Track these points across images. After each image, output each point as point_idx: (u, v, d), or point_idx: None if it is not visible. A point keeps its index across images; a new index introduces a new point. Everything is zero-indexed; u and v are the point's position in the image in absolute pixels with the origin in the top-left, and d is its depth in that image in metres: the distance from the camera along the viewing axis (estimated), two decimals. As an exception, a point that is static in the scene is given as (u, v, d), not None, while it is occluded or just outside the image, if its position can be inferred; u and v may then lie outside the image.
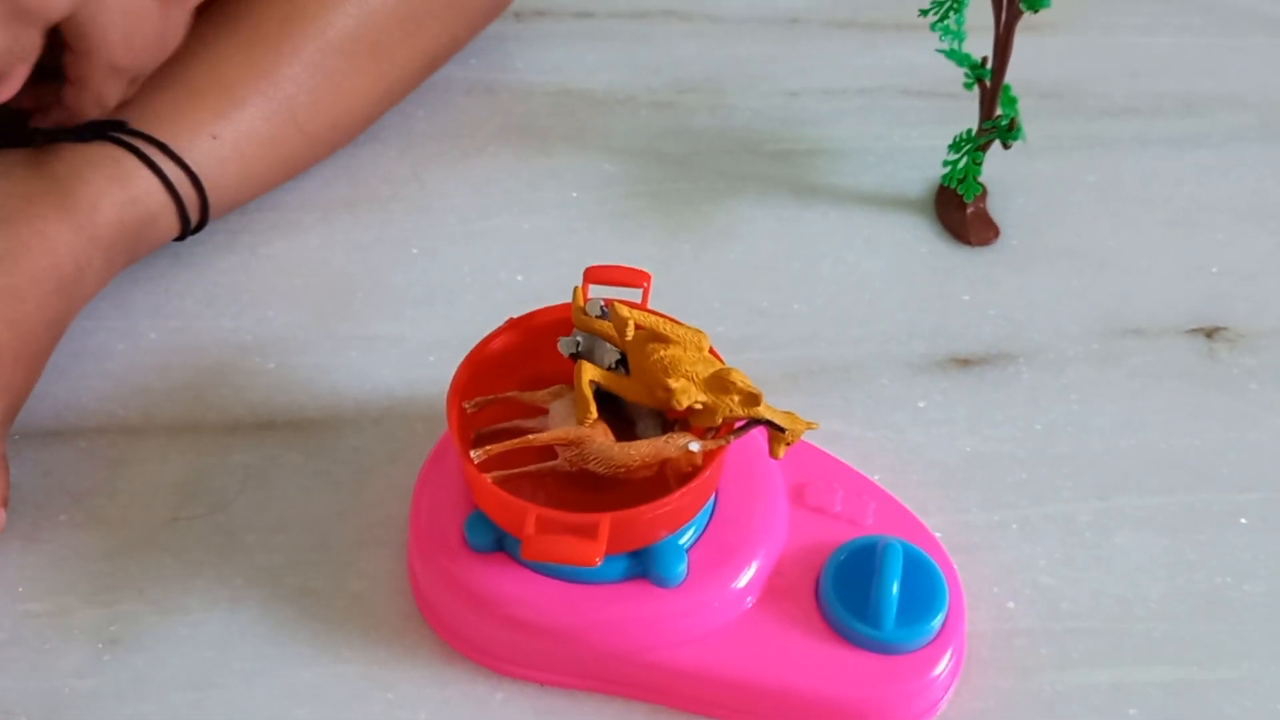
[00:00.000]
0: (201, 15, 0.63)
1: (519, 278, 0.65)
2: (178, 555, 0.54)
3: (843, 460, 0.55)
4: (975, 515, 0.56)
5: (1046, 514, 0.56)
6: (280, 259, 0.65)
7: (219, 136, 0.61)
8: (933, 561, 0.50)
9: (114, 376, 0.60)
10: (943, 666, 0.49)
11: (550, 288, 0.56)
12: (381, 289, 0.64)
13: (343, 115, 0.66)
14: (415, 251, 0.66)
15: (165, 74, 0.61)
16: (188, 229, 0.62)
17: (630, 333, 0.48)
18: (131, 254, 0.60)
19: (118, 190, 0.59)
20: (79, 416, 0.59)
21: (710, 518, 0.51)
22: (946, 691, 0.50)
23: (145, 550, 0.54)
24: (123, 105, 0.60)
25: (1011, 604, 0.53)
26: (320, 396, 0.60)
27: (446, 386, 0.50)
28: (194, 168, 0.60)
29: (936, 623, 0.49)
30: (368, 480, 0.57)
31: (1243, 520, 0.56)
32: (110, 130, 0.60)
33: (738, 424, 0.48)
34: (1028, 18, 0.61)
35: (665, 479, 0.49)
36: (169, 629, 0.52)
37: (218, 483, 0.56)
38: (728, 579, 0.50)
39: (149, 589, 0.53)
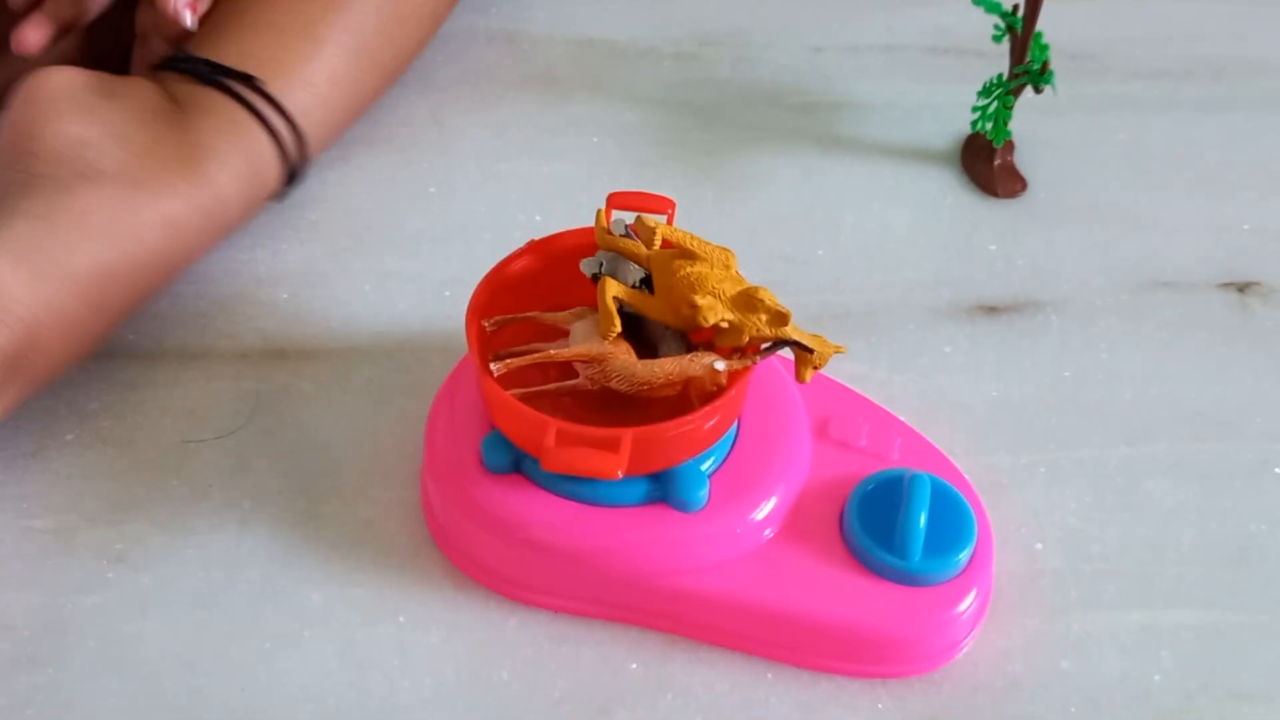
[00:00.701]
0: None
1: (537, 218, 0.63)
2: (186, 478, 0.53)
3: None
4: (1002, 458, 0.55)
5: (1076, 459, 0.55)
6: (296, 195, 0.64)
7: (313, 83, 0.59)
8: (960, 495, 0.49)
9: (125, 304, 0.59)
10: (969, 602, 0.48)
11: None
12: (398, 227, 0.63)
13: (402, 40, 0.64)
14: (433, 191, 0.65)
15: (248, 16, 0.59)
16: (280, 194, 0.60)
17: (658, 242, 0.47)
18: (223, 236, 0.58)
19: (244, 166, 0.56)
20: (88, 341, 0.57)
21: (732, 447, 0.50)
22: (973, 628, 0.49)
23: (153, 472, 0.53)
24: (219, 49, 0.58)
25: (1039, 545, 0.52)
26: (334, 328, 0.59)
27: (463, 320, 0.48)
28: (299, 125, 0.58)
29: (964, 556, 0.48)
30: (381, 411, 0.56)
31: (1277, 469, 0.55)
32: (239, 81, 0.57)
33: (764, 345, 0.47)
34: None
35: (688, 400, 0.47)
36: (176, 549, 0.51)
37: (228, 408, 0.55)
38: (749, 507, 0.48)
39: (156, 509, 0.52)
